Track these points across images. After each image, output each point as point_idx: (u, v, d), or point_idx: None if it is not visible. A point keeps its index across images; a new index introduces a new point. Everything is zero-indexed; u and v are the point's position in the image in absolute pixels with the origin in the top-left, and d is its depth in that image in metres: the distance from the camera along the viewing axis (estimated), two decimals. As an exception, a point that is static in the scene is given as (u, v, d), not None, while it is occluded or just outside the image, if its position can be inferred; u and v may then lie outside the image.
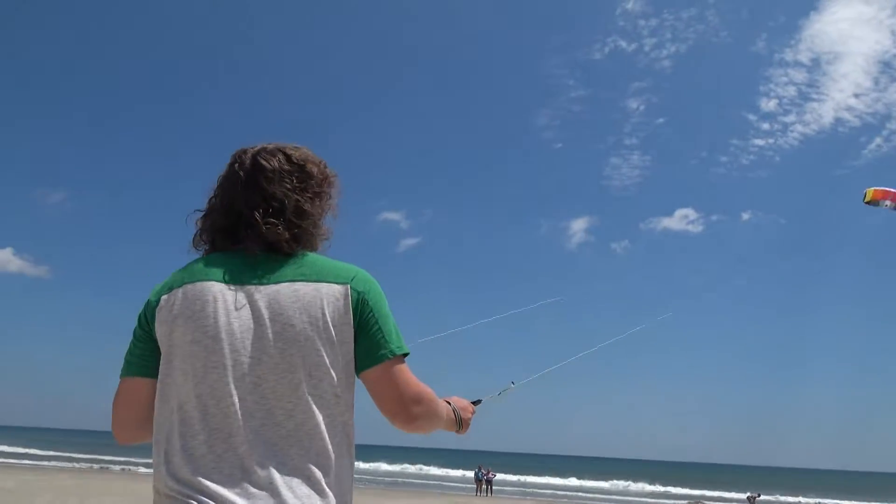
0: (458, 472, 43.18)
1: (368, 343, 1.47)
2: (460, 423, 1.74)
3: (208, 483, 1.33)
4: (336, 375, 1.43)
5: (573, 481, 47.08)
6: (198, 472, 1.34)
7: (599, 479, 48.56)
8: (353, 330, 1.46)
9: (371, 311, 1.48)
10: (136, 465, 32.83)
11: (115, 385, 1.56)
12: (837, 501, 44.66)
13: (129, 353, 1.54)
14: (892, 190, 8.25)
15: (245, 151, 1.58)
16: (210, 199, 1.59)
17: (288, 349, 1.39)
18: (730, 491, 45.39)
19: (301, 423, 1.38)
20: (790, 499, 44.08)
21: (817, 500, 45.60)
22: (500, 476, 35.68)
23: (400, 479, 36.82)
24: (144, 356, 1.50)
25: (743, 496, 39.34)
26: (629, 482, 47.93)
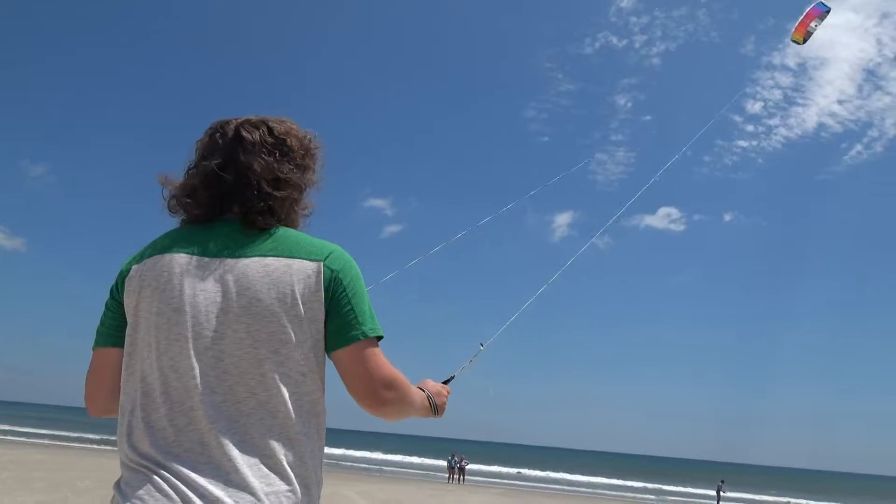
0: (430, 461, 43.43)
1: (340, 322, 1.42)
2: (436, 409, 1.70)
3: (167, 457, 1.31)
4: (303, 354, 1.40)
5: (542, 473, 47.51)
6: (157, 445, 1.33)
7: (568, 472, 49.09)
8: (323, 308, 1.42)
9: (344, 290, 1.43)
10: (112, 441, 32.55)
11: (90, 359, 1.54)
12: (803, 500, 45.52)
13: (101, 323, 1.52)
14: (809, 11, 7.75)
15: (228, 122, 1.55)
16: (187, 168, 1.55)
17: (254, 324, 1.36)
18: (691, 486, 46.18)
19: (264, 401, 1.35)
20: (757, 497, 44.85)
21: (784, 498, 46.50)
22: (472, 466, 35.91)
23: (372, 466, 36.89)
24: (115, 326, 1.48)
25: (701, 491, 40.02)
26: (598, 477, 48.46)
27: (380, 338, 1.47)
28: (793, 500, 45.40)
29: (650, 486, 44.97)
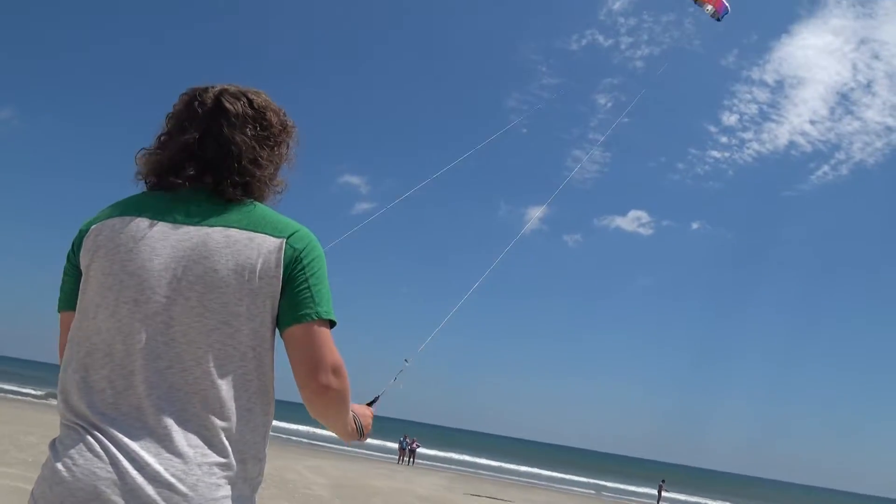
0: (379, 441, 43.60)
1: (294, 300, 1.40)
2: (361, 431, 1.67)
3: (103, 419, 1.29)
4: (254, 329, 1.38)
5: (492, 462, 48.09)
6: (94, 405, 1.31)
7: (515, 462, 49.82)
8: (280, 285, 1.40)
9: (303, 269, 1.41)
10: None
11: (49, 318, 1.53)
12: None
13: (62, 285, 1.49)
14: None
15: (206, 90, 1.51)
16: (160, 135, 1.52)
17: (207, 294, 1.35)
18: (633, 484, 47.26)
19: (208, 372, 1.33)
20: (696, 499, 46.09)
21: (722, 502, 47.86)
22: (423, 450, 36.19)
23: (320, 442, 36.92)
24: (74, 291, 1.45)
25: (643, 490, 40.99)
26: (543, 469, 49.23)
27: (333, 324, 1.44)
28: (730, 505, 46.74)
29: (592, 481, 45.87)
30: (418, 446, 32.98)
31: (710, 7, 8.63)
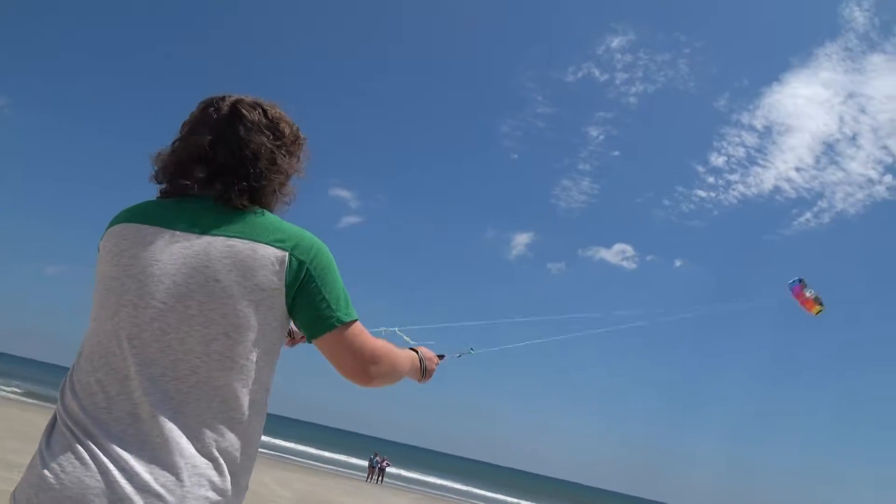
0: (343, 457, 43.19)
1: (313, 312, 1.43)
2: (424, 372, 1.81)
3: (94, 423, 1.29)
4: (256, 340, 1.38)
5: (461, 486, 47.74)
6: (85, 408, 1.31)
7: (485, 488, 49.48)
8: (284, 298, 1.41)
9: (314, 280, 1.43)
10: (32, 394, 31.41)
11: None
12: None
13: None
14: (795, 295, 8.48)
15: (222, 98, 1.54)
16: (176, 141, 1.53)
17: (207, 303, 1.35)
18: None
19: (204, 382, 1.33)
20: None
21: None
22: (392, 469, 35.89)
23: (287, 455, 36.54)
24: None
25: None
26: (510, 497, 48.90)
27: (354, 320, 1.49)
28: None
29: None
30: (388, 465, 32.73)
31: (809, 297, 8.70)
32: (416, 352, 1.80)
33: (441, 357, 1.99)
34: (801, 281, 7.96)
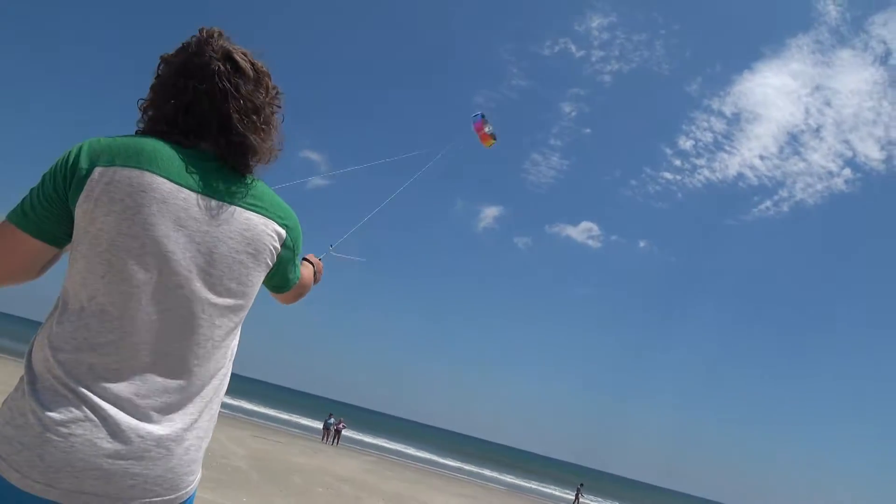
0: (298, 418, 43.46)
1: (284, 276, 1.62)
2: (316, 279, 2.17)
3: (102, 381, 1.26)
4: (249, 306, 1.48)
5: (415, 451, 48.45)
6: (94, 369, 1.26)
7: (437, 454, 50.32)
8: (272, 267, 1.52)
9: (294, 255, 1.61)
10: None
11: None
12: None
13: (31, 205, 1.32)
14: (475, 126, 8.41)
15: (210, 40, 1.43)
16: (163, 89, 1.43)
17: (227, 273, 1.38)
18: (551, 486, 48.34)
19: (216, 347, 1.39)
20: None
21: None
22: (348, 433, 36.19)
23: (239, 414, 36.55)
24: (47, 219, 1.31)
25: (560, 491, 41.98)
26: (464, 463, 49.88)
27: None
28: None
29: (514, 480, 46.74)
30: (344, 427, 32.97)
31: (487, 132, 8.60)
32: (311, 264, 2.10)
33: (320, 260, 2.29)
34: (483, 116, 8.31)
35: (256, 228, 1.43)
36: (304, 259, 2.09)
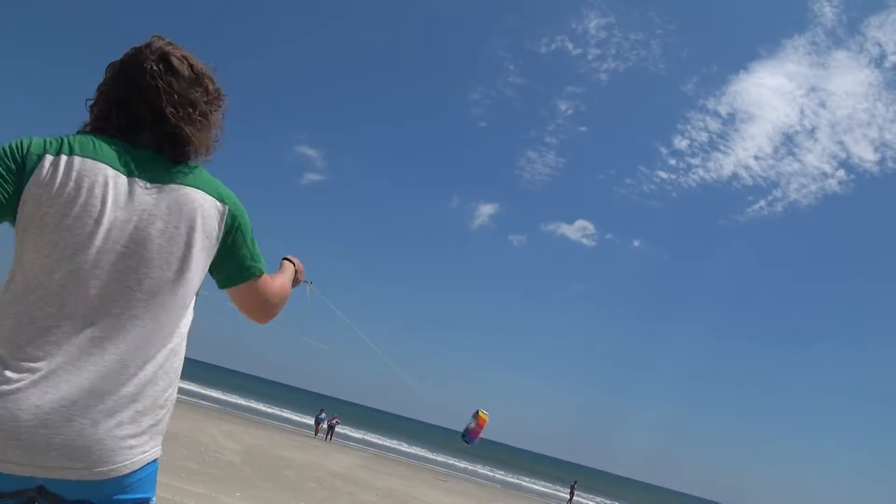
0: (291, 414, 43.42)
1: (238, 264, 1.60)
2: (295, 282, 2.02)
3: (39, 354, 1.32)
4: (195, 283, 1.51)
5: (411, 448, 48.51)
6: (33, 341, 1.32)
7: (430, 450, 50.41)
8: (217, 248, 1.54)
9: (243, 234, 1.59)
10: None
11: None
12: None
13: None
14: (481, 430, 9.30)
15: (150, 46, 1.55)
16: (103, 90, 1.56)
17: (166, 247, 1.43)
18: (545, 483, 48.50)
19: (154, 321, 1.42)
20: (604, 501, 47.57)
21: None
22: (341, 429, 36.16)
23: (230, 408, 36.49)
24: None
25: (551, 490, 42.13)
26: (458, 461, 50.00)
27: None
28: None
29: (508, 478, 46.86)
30: (338, 423, 32.96)
31: (472, 424, 9.56)
32: (293, 262, 2.01)
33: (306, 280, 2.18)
34: (466, 433, 8.91)
35: (193, 203, 1.49)
36: (286, 259, 2.01)
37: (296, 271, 2.00)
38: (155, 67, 1.52)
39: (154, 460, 1.45)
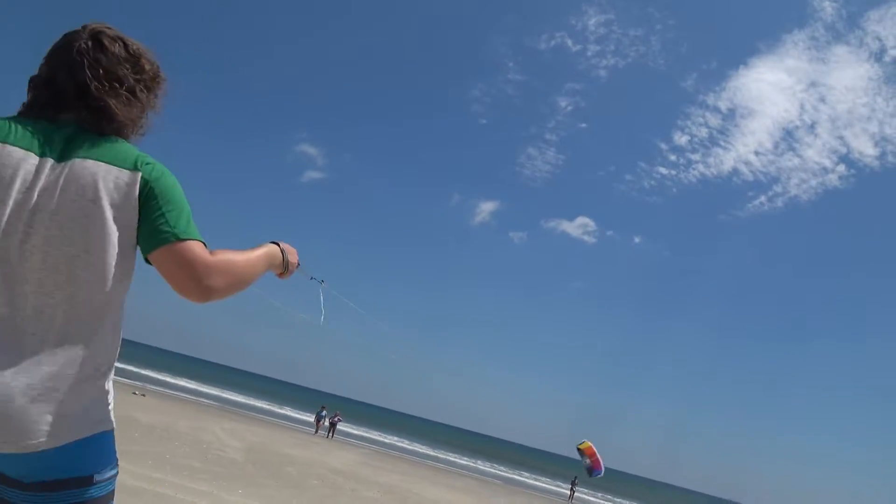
0: (293, 412, 43.47)
1: (150, 228, 1.49)
2: (286, 266, 1.81)
3: None
4: (111, 256, 1.46)
5: (412, 445, 48.57)
6: None
7: (437, 448, 50.46)
8: (136, 216, 1.49)
9: (156, 198, 1.50)
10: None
11: None
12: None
13: None
14: (599, 457, 9.50)
15: (83, 27, 1.58)
16: (34, 73, 1.58)
17: (68, 223, 1.43)
18: (546, 479, 48.55)
19: (69, 297, 1.42)
20: (608, 499, 47.65)
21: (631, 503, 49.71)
22: (343, 427, 36.20)
23: (231, 406, 36.53)
24: None
25: (551, 486, 42.17)
26: (461, 458, 50.02)
27: (200, 243, 1.53)
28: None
29: (508, 474, 46.90)
30: (339, 420, 33.00)
31: (587, 461, 9.82)
32: (278, 244, 1.79)
33: (298, 265, 1.92)
34: (589, 466, 9.11)
35: (94, 176, 1.46)
36: (274, 243, 1.80)
37: (283, 256, 1.79)
38: (84, 45, 1.54)
39: (96, 435, 1.47)
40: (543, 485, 45.68)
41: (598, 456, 9.50)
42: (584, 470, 9.97)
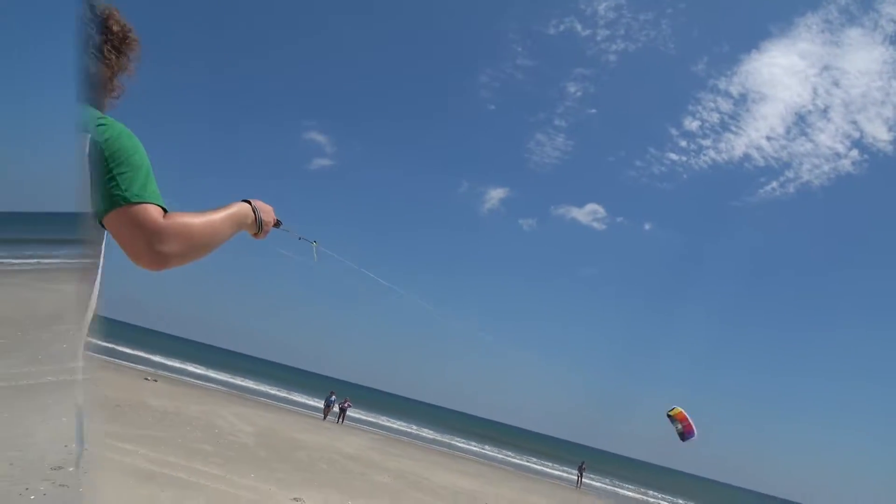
0: (303, 398, 43.79)
1: (101, 191, 1.39)
2: (260, 225, 1.68)
3: None
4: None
5: (423, 431, 48.89)
6: None
7: (447, 433, 50.80)
8: (90, 179, 1.41)
9: (107, 161, 1.40)
10: None
11: None
12: (658, 495, 49.05)
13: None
14: (691, 421, 9.46)
15: None
16: None
17: None
18: (554, 464, 48.81)
19: None
20: (616, 485, 47.91)
21: (639, 489, 49.91)
22: (353, 412, 36.46)
23: (241, 392, 36.83)
24: None
25: (558, 472, 42.39)
26: (462, 440, 50.34)
27: (161, 209, 1.41)
28: (650, 493, 48.88)
29: (518, 460, 47.17)
30: (350, 406, 33.21)
31: (679, 426, 9.75)
32: (250, 202, 1.66)
33: (278, 224, 1.84)
34: (682, 431, 9.05)
35: None
36: (246, 202, 1.65)
37: (256, 214, 1.66)
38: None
39: None
40: (552, 470, 45.91)
41: (691, 420, 9.46)
42: (676, 436, 9.93)
